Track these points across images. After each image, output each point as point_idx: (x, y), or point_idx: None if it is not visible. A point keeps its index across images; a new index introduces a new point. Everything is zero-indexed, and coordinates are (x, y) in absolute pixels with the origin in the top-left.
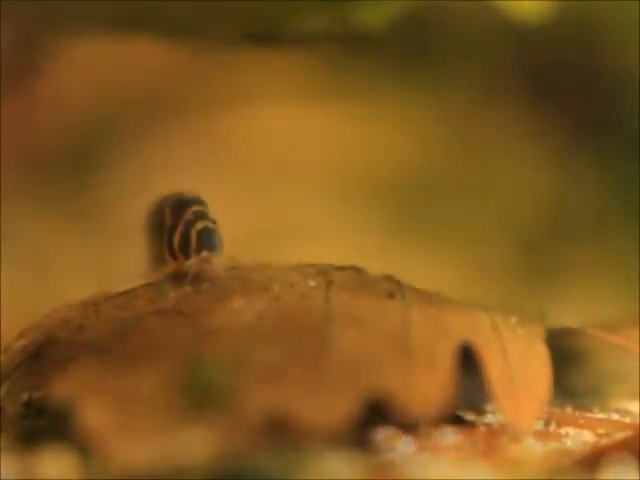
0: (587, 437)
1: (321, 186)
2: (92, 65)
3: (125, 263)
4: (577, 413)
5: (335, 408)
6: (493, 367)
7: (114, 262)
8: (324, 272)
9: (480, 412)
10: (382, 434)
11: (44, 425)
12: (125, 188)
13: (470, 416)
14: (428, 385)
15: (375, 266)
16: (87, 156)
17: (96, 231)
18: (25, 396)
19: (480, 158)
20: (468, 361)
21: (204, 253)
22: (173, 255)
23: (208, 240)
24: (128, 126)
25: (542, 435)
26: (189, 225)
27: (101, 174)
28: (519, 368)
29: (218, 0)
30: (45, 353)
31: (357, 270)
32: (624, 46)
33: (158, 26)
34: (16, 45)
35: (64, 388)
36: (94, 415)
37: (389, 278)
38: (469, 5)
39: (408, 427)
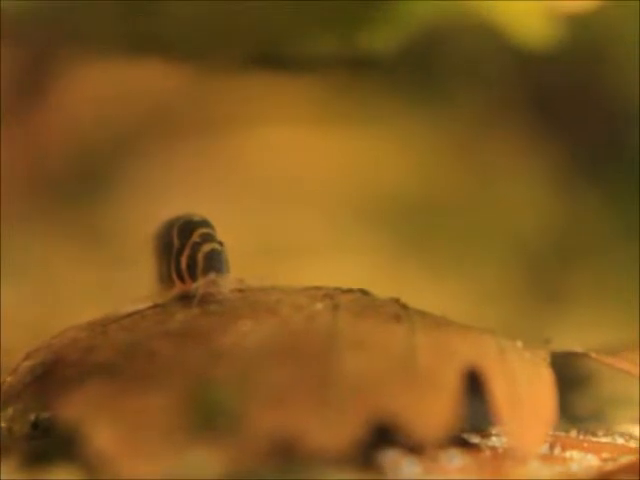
0: (592, 461)
1: (326, 208)
2: (100, 87)
3: (133, 284)
4: (582, 437)
5: (341, 430)
6: (499, 390)
7: (121, 283)
8: (331, 295)
9: (485, 435)
10: (388, 457)
11: (52, 446)
12: (132, 209)
13: (475, 439)
14: (434, 408)
15: (381, 288)
16: (94, 177)
17: (103, 252)
18: (33, 417)
19: (484, 180)
20: (474, 384)
21: (211, 275)
22: (180, 277)
23: (215, 262)
24: (135, 147)
25: (547, 459)
26: (196, 247)
27: (108, 195)
28: (525, 392)
29: (226, 23)
30: (53, 374)
31: (363, 293)
32: (625, 71)
33: (167, 48)
34: (24, 66)
35: (72, 409)
36: (102, 436)
37: (395, 301)
38: (473, 30)
39: (414, 450)
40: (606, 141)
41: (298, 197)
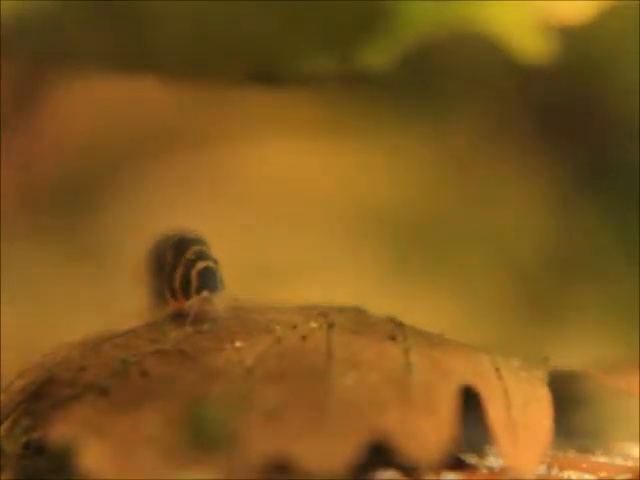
0: None
1: (322, 224)
2: (95, 102)
3: (126, 302)
4: (579, 456)
5: (336, 450)
6: (494, 410)
7: (114, 300)
8: (325, 313)
9: (482, 455)
10: (383, 477)
11: (44, 465)
12: (126, 225)
13: (472, 459)
14: (429, 428)
15: (377, 306)
16: (89, 192)
17: (96, 268)
18: (25, 436)
19: (481, 196)
20: (470, 404)
21: (205, 293)
22: (174, 295)
23: (209, 280)
24: (131, 163)
25: (545, 479)
26: (190, 265)
27: (102, 211)
28: (521, 411)
29: (222, 40)
30: (45, 393)
31: (358, 312)
32: (624, 85)
33: (162, 64)
34: (17, 83)
35: (64, 428)
36: (94, 455)
37: (391, 320)
38: (470, 44)
39: (409, 471)
40: (605, 156)
41: (294, 213)
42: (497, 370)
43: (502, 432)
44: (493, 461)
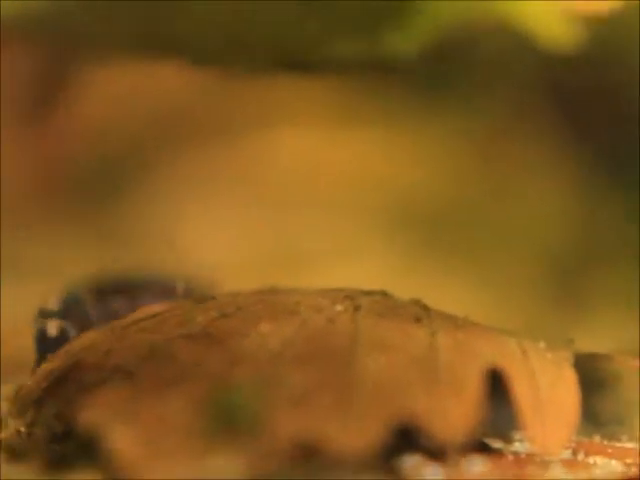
0: (616, 467)
1: (347, 210)
2: (118, 88)
3: None
4: (605, 442)
5: (363, 433)
6: (521, 392)
7: None
8: (351, 297)
9: (507, 440)
10: (409, 461)
11: (72, 450)
12: (149, 212)
13: (498, 444)
14: (455, 411)
15: (401, 291)
16: (109, 179)
17: (120, 256)
18: (53, 421)
19: (506, 182)
20: (496, 386)
21: None
22: None
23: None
24: (153, 150)
25: (571, 464)
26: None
27: (122, 197)
28: (548, 394)
29: (247, 25)
30: (72, 377)
31: (384, 295)
32: None
33: (186, 50)
34: (37, 70)
35: (92, 413)
36: (122, 440)
37: (416, 302)
38: (495, 33)
39: (435, 454)
40: (629, 142)
41: (318, 200)
42: (524, 352)
43: (530, 413)
44: (519, 446)
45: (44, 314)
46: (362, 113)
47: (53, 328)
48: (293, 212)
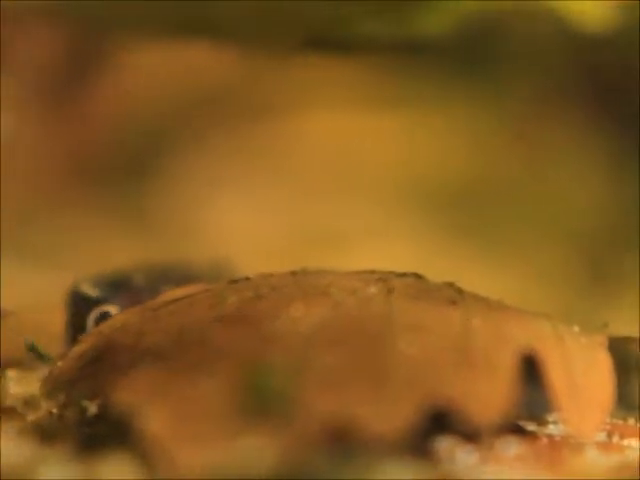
0: None
1: (380, 193)
2: (150, 70)
3: None
4: (639, 425)
5: (396, 416)
6: (556, 375)
7: None
8: (384, 279)
9: (542, 423)
10: (443, 444)
11: (105, 432)
12: (182, 193)
13: (532, 427)
14: (490, 393)
15: (435, 274)
16: (144, 161)
17: (151, 238)
18: (85, 402)
19: (539, 164)
20: (530, 371)
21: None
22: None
23: None
24: (185, 132)
25: (605, 447)
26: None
27: (158, 179)
28: (582, 377)
29: (279, 5)
30: (104, 359)
31: (418, 277)
32: None
33: (217, 31)
34: (73, 50)
35: (124, 395)
36: (155, 422)
37: (450, 285)
38: (528, 13)
39: (470, 437)
40: None
41: (351, 182)
42: (558, 335)
43: (563, 397)
44: (553, 429)
45: (86, 298)
46: (392, 94)
47: (107, 311)
48: (323, 194)
